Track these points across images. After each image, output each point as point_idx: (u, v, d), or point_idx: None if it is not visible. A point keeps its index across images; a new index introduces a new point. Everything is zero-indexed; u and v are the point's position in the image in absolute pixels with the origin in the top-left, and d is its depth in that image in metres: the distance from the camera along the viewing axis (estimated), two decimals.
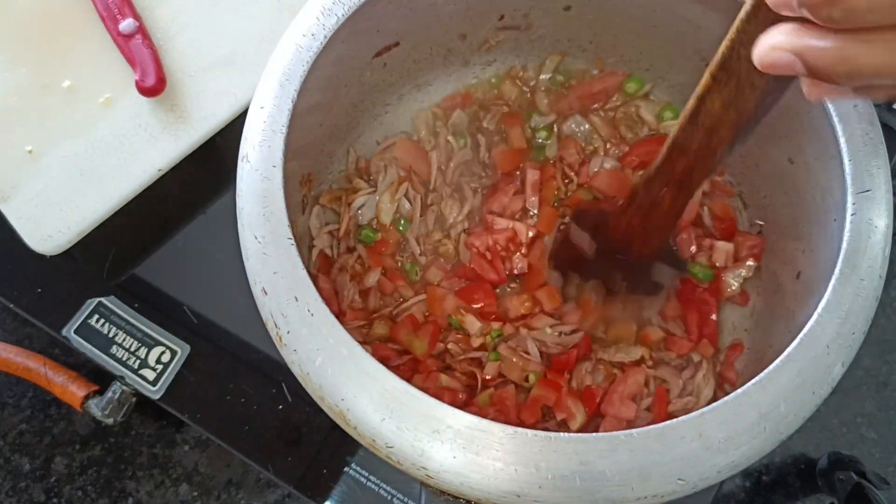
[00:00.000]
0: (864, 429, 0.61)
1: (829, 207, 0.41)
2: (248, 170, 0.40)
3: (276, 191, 0.39)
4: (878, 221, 0.38)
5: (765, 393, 0.34)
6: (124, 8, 0.60)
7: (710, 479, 0.34)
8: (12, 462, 0.58)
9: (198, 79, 0.60)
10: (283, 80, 0.41)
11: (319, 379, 0.35)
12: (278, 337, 0.37)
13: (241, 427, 0.55)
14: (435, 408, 0.33)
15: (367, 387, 0.34)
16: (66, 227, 0.56)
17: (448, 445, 0.33)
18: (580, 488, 0.32)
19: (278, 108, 0.41)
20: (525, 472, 0.32)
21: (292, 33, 0.43)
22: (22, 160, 0.57)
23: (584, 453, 0.32)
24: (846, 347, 0.36)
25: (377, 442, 0.34)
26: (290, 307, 0.36)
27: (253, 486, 0.56)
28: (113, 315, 0.57)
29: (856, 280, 0.37)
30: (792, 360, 0.35)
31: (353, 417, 0.35)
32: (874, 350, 0.63)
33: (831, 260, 0.38)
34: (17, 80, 0.60)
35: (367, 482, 0.54)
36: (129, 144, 0.58)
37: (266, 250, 0.37)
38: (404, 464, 0.34)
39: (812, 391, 0.35)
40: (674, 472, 0.33)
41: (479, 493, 0.33)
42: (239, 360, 0.57)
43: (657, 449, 0.33)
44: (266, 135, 0.40)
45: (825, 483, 0.60)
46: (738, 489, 0.59)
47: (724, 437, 0.33)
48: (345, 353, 0.35)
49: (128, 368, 0.55)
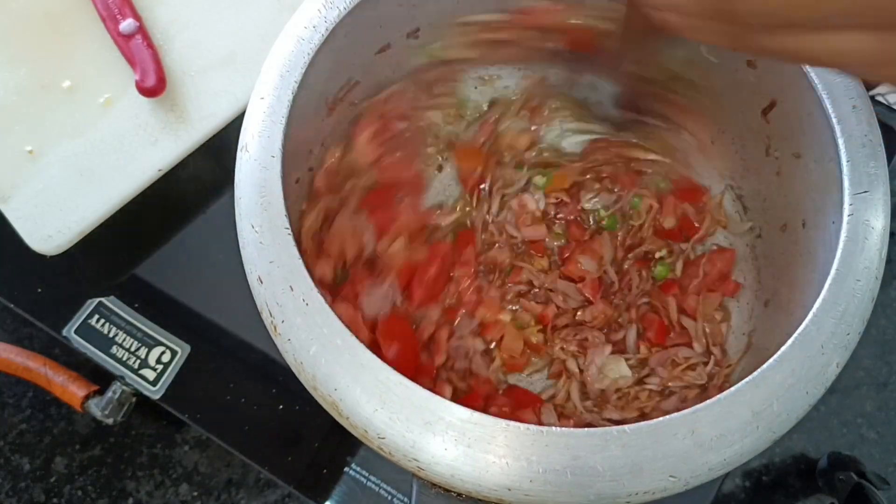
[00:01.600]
0: (864, 429, 0.61)
1: (827, 209, 0.41)
2: (246, 159, 0.40)
3: (274, 180, 0.39)
4: (876, 222, 0.38)
5: (758, 392, 0.34)
6: (124, 8, 0.60)
7: (702, 477, 0.34)
8: (12, 462, 0.58)
9: (198, 79, 0.60)
10: (284, 72, 0.41)
11: (313, 369, 0.35)
12: (273, 326, 0.37)
13: (241, 427, 0.55)
14: (428, 400, 0.34)
15: (360, 377, 0.34)
16: (66, 227, 0.56)
17: (440, 438, 0.33)
18: (571, 482, 0.32)
19: (278, 99, 0.41)
20: (516, 465, 0.32)
21: (294, 25, 0.43)
22: (22, 160, 0.57)
23: (576, 448, 0.32)
24: (841, 348, 0.36)
25: (369, 433, 0.34)
26: (286, 296, 0.36)
27: (253, 486, 0.56)
28: (113, 315, 0.57)
29: (851, 281, 0.37)
30: (786, 359, 0.35)
31: (345, 407, 0.35)
32: (874, 350, 0.63)
33: (828, 261, 0.38)
34: (17, 80, 0.60)
35: (367, 482, 0.54)
36: (129, 144, 0.58)
37: (262, 239, 0.38)
38: (396, 455, 0.34)
39: (806, 391, 0.35)
40: (665, 468, 0.33)
41: (471, 485, 0.33)
42: (239, 360, 0.57)
43: (649, 445, 0.33)
44: (266, 125, 0.40)
45: (825, 483, 0.60)
46: (738, 489, 0.59)
47: (716, 434, 0.33)
48: (339, 343, 0.35)
49: (128, 368, 0.55)
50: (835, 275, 0.37)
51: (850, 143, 0.40)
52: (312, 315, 0.36)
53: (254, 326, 0.56)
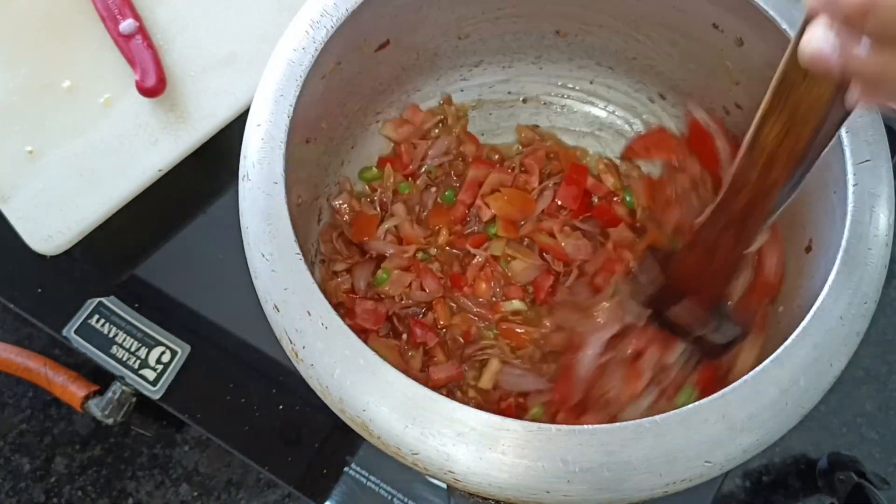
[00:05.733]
0: (864, 429, 0.61)
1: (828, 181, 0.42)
2: (249, 188, 0.40)
3: (279, 207, 0.39)
4: (881, 189, 0.39)
5: (783, 369, 0.35)
6: (124, 8, 0.60)
7: (737, 459, 0.34)
8: (12, 462, 0.58)
9: (198, 79, 0.60)
10: (278, 96, 0.41)
11: (339, 391, 0.35)
12: (294, 353, 0.37)
13: (241, 427, 0.55)
14: (456, 410, 0.33)
15: (387, 395, 0.34)
16: (66, 227, 0.56)
17: (473, 447, 0.33)
18: (609, 479, 0.32)
19: (275, 124, 0.41)
20: (552, 467, 0.32)
21: (283, 48, 0.43)
22: (22, 160, 0.57)
23: (609, 444, 0.33)
24: (860, 317, 0.36)
25: (402, 450, 0.34)
26: (304, 322, 0.36)
27: (253, 486, 0.56)
28: (113, 315, 0.57)
29: (863, 249, 0.37)
30: (807, 334, 0.36)
31: (375, 427, 0.34)
32: (874, 350, 0.63)
33: (837, 233, 0.38)
34: (17, 80, 0.60)
35: (367, 482, 0.54)
36: (129, 145, 0.58)
37: (275, 267, 0.37)
38: (431, 469, 0.34)
39: (829, 363, 0.35)
40: (700, 454, 0.33)
41: (509, 492, 0.33)
42: (239, 360, 0.57)
43: (682, 433, 0.33)
44: (265, 152, 0.40)
45: (825, 483, 0.60)
46: (738, 489, 0.59)
47: (746, 415, 0.34)
48: (362, 363, 0.35)
49: (128, 368, 0.55)
50: (846, 246, 0.37)
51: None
52: (333, 338, 0.36)
53: (254, 326, 0.56)
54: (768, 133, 0.35)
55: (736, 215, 0.40)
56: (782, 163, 0.36)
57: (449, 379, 0.49)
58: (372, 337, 0.50)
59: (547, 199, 0.55)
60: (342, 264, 0.52)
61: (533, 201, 0.55)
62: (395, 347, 0.50)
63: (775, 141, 0.35)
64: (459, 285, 0.53)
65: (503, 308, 0.52)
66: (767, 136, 0.35)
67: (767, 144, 0.36)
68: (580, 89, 0.58)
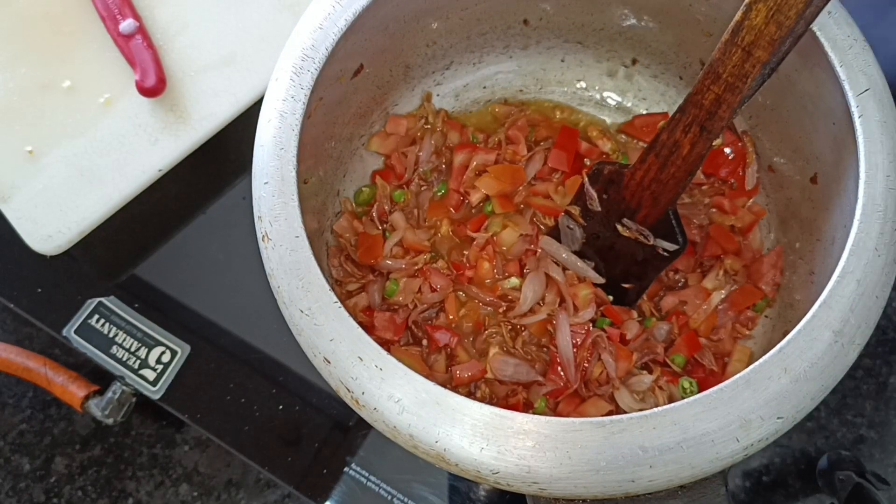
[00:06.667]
0: (864, 429, 0.61)
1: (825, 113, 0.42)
2: (271, 248, 0.39)
3: (307, 260, 0.38)
4: (887, 115, 0.39)
5: (832, 311, 0.35)
6: (124, 8, 0.60)
7: (807, 409, 0.34)
8: (12, 462, 0.58)
9: (198, 79, 0.60)
10: (279, 151, 0.41)
11: (407, 429, 0.35)
12: (354, 401, 0.36)
13: (241, 427, 0.55)
14: (527, 422, 0.33)
15: (456, 422, 0.34)
16: (66, 227, 0.56)
17: (551, 454, 0.33)
18: (689, 455, 0.33)
19: (283, 179, 0.40)
20: (632, 456, 0.33)
21: (272, 101, 0.42)
22: (22, 160, 0.57)
23: (682, 421, 0.33)
24: (893, 244, 0.37)
25: (482, 472, 0.34)
26: (357, 369, 0.36)
27: (253, 486, 0.56)
28: (113, 315, 0.57)
29: (882, 177, 0.38)
30: (847, 272, 0.36)
31: (452, 456, 0.34)
32: (874, 350, 0.63)
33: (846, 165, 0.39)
34: (17, 80, 0.60)
35: (367, 482, 0.54)
36: (128, 145, 0.58)
37: (316, 321, 0.37)
38: (514, 484, 0.34)
39: (875, 295, 0.36)
40: (771, 412, 0.34)
41: (595, 489, 0.33)
42: (239, 360, 0.57)
43: (749, 395, 0.33)
44: (279, 209, 0.40)
45: (825, 483, 0.60)
46: (738, 489, 0.58)
47: (807, 364, 0.34)
48: (425, 396, 0.35)
49: (128, 368, 0.55)
50: (865, 177, 0.38)
51: (837, 47, 0.41)
52: (389, 378, 0.35)
53: (254, 326, 0.56)
54: (756, 14, 0.36)
55: (707, 106, 0.40)
56: (767, 40, 0.36)
57: (472, 378, 0.49)
58: (394, 348, 0.50)
59: (538, 163, 0.56)
60: (355, 284, 0.52)
61: (522, 169, 0.55)
62: (417, 355, 0.50)
63: (763, 20, 0.36)
64: (463, 271, 0.53)
65: (501, 287, 0.52)
66: (755, 17, 0.36)
67: (755, 25, 0.36)
68: (553, 69, 0.59)
